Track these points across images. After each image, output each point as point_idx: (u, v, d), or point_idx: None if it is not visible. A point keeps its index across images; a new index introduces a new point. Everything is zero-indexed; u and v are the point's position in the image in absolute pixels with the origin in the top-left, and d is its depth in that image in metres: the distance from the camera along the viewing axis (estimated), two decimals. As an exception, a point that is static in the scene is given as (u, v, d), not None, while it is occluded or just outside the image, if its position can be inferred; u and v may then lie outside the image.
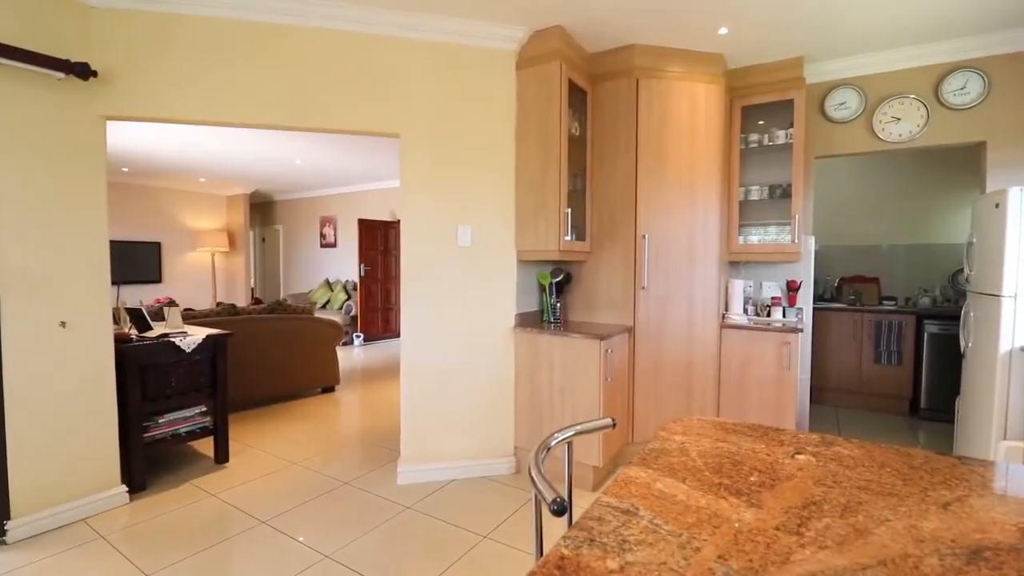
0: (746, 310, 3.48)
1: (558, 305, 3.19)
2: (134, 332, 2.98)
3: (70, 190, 2.43)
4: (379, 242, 7.77)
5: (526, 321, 3.13)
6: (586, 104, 3.17)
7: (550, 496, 0.83)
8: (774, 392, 3.05)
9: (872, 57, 3.30)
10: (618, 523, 0.76)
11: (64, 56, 2.32)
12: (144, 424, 2.78)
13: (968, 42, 3.05)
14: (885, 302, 4.55)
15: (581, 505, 2.34)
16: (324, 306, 8.31)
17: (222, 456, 3.13)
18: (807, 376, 3.61)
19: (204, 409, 3.06)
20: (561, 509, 0.81)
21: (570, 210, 2.95)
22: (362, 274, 7.53)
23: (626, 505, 0.81)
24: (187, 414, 2.98)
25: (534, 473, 0.92)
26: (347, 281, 8.44)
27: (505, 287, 3.02)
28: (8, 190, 2.25)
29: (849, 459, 0.99)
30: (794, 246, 3.24)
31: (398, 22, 2.74)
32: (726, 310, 3.39)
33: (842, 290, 4.75)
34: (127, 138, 5.43)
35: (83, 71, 2.35)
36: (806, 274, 3.54)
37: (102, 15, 2.46)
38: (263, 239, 10.45)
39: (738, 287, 3.39)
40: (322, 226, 9.24)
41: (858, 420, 4.14)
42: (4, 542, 2.24)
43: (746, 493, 0.85)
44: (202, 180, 8.04)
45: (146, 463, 2.83)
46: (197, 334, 3.04)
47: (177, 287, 8.53)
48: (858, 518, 0.77)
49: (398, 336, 5.51)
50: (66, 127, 2.41)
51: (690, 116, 3.08)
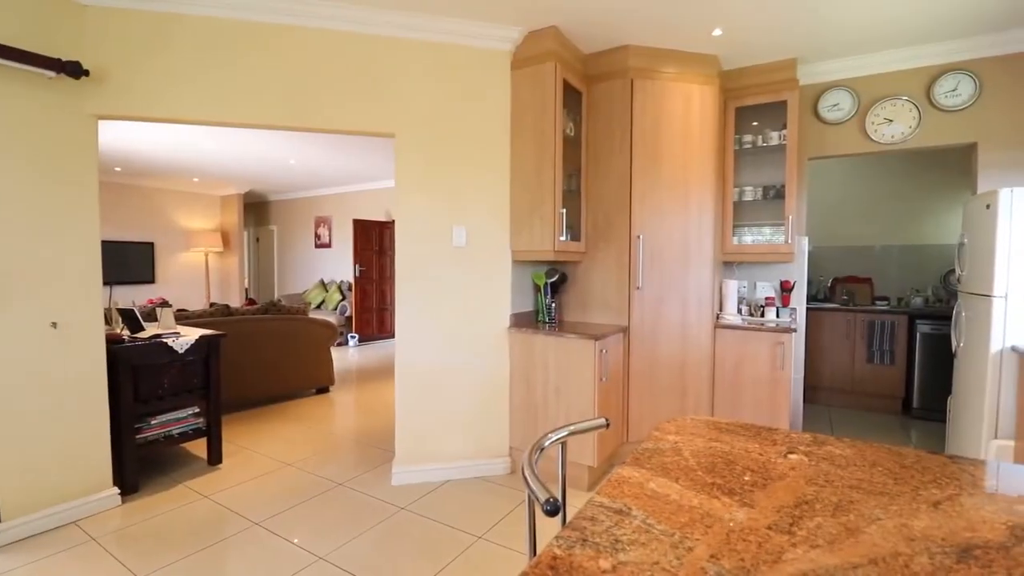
0: (740, 310, 3.50)
1: (553, 305, 3.19)
2: (126, 333, 2.95)
3: (61, 190, 2.41)
4: (374, 242, 7.75)
5: (521, 321, 3.13)
6: (581, 104, 3.17)
7: (543, 496, 0.83)
8: (768, 392, 3.06)
9: (865, 59, 3.32)
10: (611, 523, 0.76)
11: (56, 55, 2.30)
12: (136, 425, 2.76)
13: (959, 44, 3.08)
14: (878, 302, 4.57)
15: (576, 505, 2.34)
16: (319, 307, 8.28)
17: (215, 457, 3.12)
18: (801, 376, 3.62)
19: (197, 410, 3.04)
20: (554, 509, 0.81)
21: (565, 210, 2.95)
22: (357, 274, 7.51)
23: (619, 505, 0.81)
24: (180, 415, 2.97)
25: (527, 473, 0.92)
26: (342, 282, 8.41)
27: (500, 287, 3.02)
28: (-2, 190, 2.23)
29: (841, 458, 1.00)
30: (788, 246, 3.26)
31: (393, 22, 2.73)
32: (720, 310, 3.40)
33: (835, 290, 4.77)
34: (119, 137, 5.39)
35: (75, 70, 2.33)
36: (800, 274, 3.55)
37: (95, 14, 2.44)
38: (257, 239, 10.39)
39: (732, 287, 3.40)
40: (317, 226, 9.20)
41: (851, 419, 4.17)
42: (-6, 545, 2.22)
43: (739, 492, 0.86)
44: (196, 180, 7.99)
45: (138, 465, 2.80)
46: (190, 335, 3.03)
47: (170, 288, 8.48)
48: (849, 517, 0.77)
49: (393, 337, 5.50)
50: (57, 126, 2.39)
51: (684, 117, 3.09)
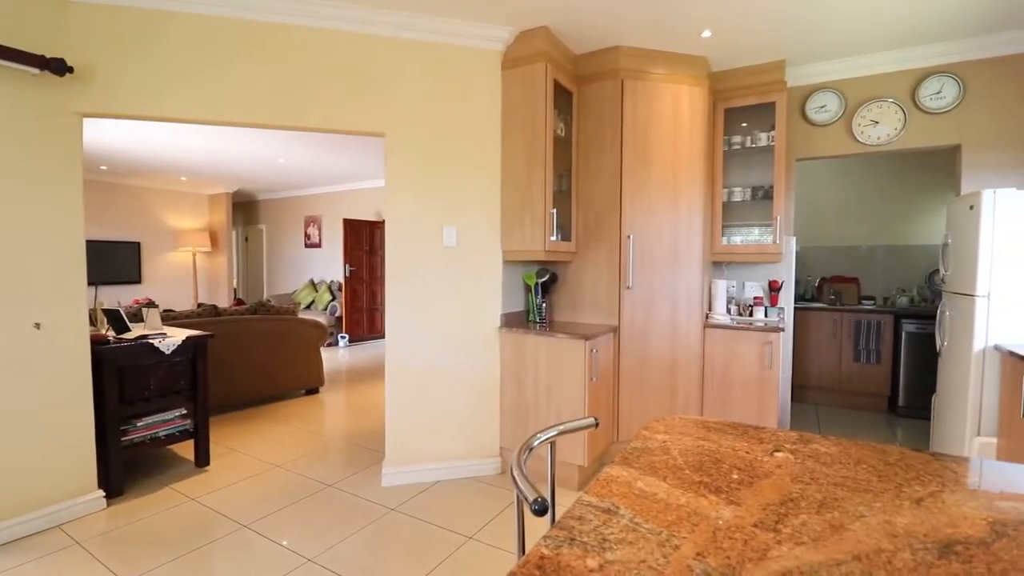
0: (729, 310, 3.53)
1: (544, 305, 3.19)
2: (111, 334, 2.91)
3: (44, 188, 2.37)
4: (364, 242, 7.71)
5: (512, 321, 3.13)
6: (571, 105, 3.18)
7: (531, 496, 0.83)
8: (756, 391, 3.09)
9: (852, 61, 3.36)
10: (598, 522, 0.76)
11: (40, 51, 2.26)
12: (122, 427, 2.72)
13: (944, 47, 3.12)
14: (864, 302, 4.63)
15: (565, 504, 2.34)
16: (308, 307, 8.22)
17: (203, 459, 3.08)
18: (788, 375, 3.66)
19: (184, 412, 3.01)
20: (542, 509, 0.81)
21: (556, 210, 2.95)
22: (347, 274, 7.47)
23: (607, 504, 0.82)
24: (166, 417, 2.93)
25: (516, 473, 0.92)
26: (332, 281, 8.36)
27: (491, 287, 3.02)
28: (-21, 188, 2.19)
29: (826, 456, 1.01)
30: (776, 247, 3.28)
31: (382, 20, 2.71)
32: (709, 310, 3.42)
33: (823, 290, 4.83)
34: (104, 136, 5.32)
35: (59, 67, 2.29)
36: (788, 274, 3.59)
37: (81, 10, 2.40)
38: (246, 239, 10.29)
39: (721, 287, 3.43)
40: (306, 226, 9.14)
41: (838, 418, 4.21)
42: (-25, 550, 2.18)
43: (725, 491, 0.86)
44: (183, 179, 7.90)
45: (124, 467, 2.77)
46: (177, 335, 2.99)
47: (157, 288, 8.37)
48: (834, 514, 0.78)
49: (383, 337, 5.48)
50: (41, 124, 2.34)
51: (674, 117, 3.11)
